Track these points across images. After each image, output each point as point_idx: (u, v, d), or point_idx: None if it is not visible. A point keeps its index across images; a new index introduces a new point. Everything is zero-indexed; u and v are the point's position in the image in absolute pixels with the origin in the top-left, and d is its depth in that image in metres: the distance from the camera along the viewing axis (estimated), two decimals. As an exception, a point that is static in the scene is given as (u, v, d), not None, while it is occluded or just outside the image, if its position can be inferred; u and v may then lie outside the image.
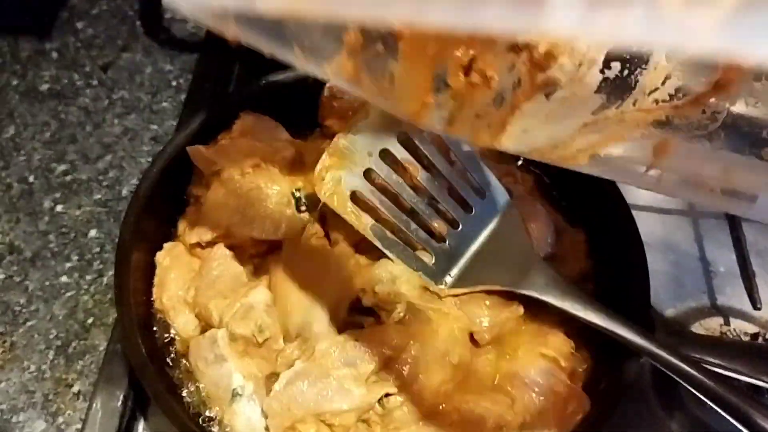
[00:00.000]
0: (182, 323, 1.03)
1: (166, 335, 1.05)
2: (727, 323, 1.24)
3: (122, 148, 1.43)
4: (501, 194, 1.06)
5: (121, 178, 1.39)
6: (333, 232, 1.07)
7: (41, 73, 1.54)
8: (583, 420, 0.97)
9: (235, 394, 0.94)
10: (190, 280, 1.06)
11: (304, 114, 1.23)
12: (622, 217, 1.11)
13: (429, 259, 1.03)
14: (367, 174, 0.98)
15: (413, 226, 1.02)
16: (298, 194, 1.08)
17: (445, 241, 1.04)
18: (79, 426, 1.10)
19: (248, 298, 0.98)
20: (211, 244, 1.07)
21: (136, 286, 1.04)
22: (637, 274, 1.05)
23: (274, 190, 1.07)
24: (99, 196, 1.36)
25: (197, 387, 0.98)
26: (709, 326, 1.24)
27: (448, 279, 1.04)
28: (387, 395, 0.93)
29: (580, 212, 1.19)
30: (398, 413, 0.94)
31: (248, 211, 1.05)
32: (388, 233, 1.00)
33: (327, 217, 1.08)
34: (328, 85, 1.20)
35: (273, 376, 0.97)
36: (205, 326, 1.03)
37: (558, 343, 1.04)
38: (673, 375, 0.89)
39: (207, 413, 0.96)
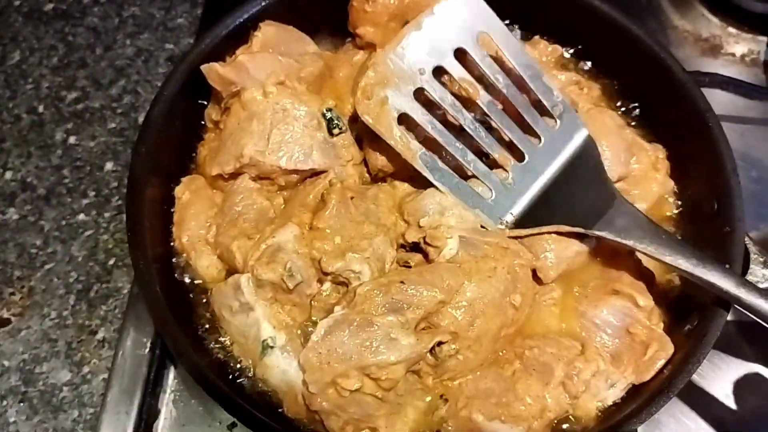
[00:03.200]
0: (204, 266, 0.91)
1: (189, 279, 0.92)
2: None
3: (136, 72, 1.30)
4: (575, 122, 0.89)
5: (136, 105, 1.26)
6: (371, 158, 0.93)
7: (45, -9, 1.40)
8: (665, 366, 0.84)
9: (265, 347, 0.82)
10: (212, 217, 0.93)
11: (332, 22, 1.07)
12: (708, 131, 0.94)
13: (488, 194, 0.88)
14: (418, 94, 0.82)
15: (470, 156, 0.86)
16: (329, 114, 0.93)
17: (507, 175, 0.88)
18: (105, 376, 1.02)
19: (276, 237, 0.84)
20: (234, 175, 0.93)
21: (153, 224, 0.91)
22: (726, 203, 0.90)
23: (302, 112, 0.92)
24: (114, 125, 1.24)
25: (224, 339, 0.88)
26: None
27: (510, 218, 0.89)
28: (440, 344, 0.81)
29: (658, 126, 1.02)
30: (452, 363, 0.82)
31: (274, 137, 0.90)
32: (440, 163, 0.85)
33: (364, 141, 0.94)
34: None
35: (309, 324, 0.85)
36: (230, 269, 0.91)
37: (634, 279, 0.90)
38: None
39: (237, 365, 0.86)
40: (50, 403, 1.01)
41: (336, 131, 0.94)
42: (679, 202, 0.99)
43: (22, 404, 1.01)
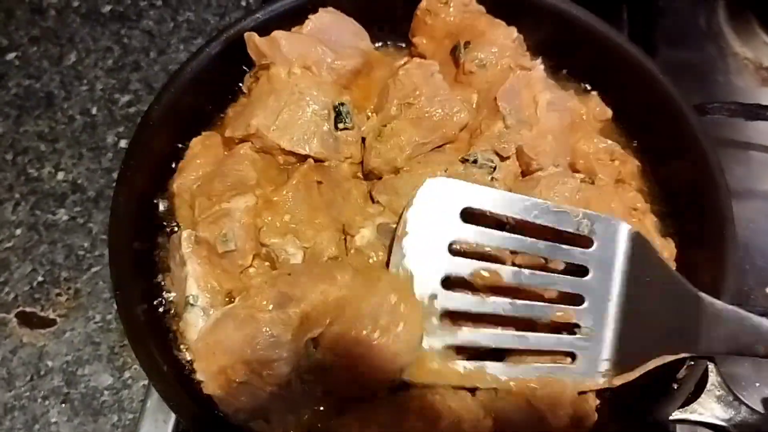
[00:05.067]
0: (184, 215, 0.93)
1: (171, 226, 0.95)
2: None
3: (188, 77, 1.31)
4: (611, 225, 0.82)
5: (187, 111, 1.27)
6: (367, 156, 0.94)
7: (103, -7, 1.42)
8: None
9: (187, 303, 0.83)
10: (207, 172, 0.95)
11: (398, 24, 1.09)
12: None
13: (569, 359, 0.83)
14: (443, 318, 0.81)
15: (532, 338, 0.82)
16: (341, 108, 0.94)
17: (577, 328, 0.82)
18: (145, 382, 1.03)
19: (229, 203, 0.86)
20: (243, 141, 0.95)
21: (154, 167, 0.94)
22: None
23: (317, 99, 0.93)
24: (164, 131, 1.25)
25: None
26: None
27: (606, 365, 0.82)
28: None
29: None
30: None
31: (283, 116, 0.92)
32: (514, 359, 0.83)
33: (367, 146, 0.95)
34: None
35: (231, 297, 0.85)
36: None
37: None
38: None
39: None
40: (91, 406, 1.02)
41: (341, 125, 0.94)
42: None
43: (63, 405, 1.02)
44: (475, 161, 0.91)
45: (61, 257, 1.13)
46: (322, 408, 0.80)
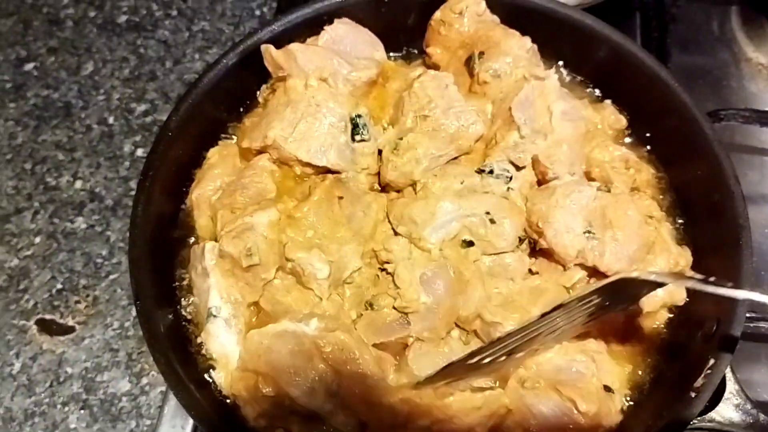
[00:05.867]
0: (203, 225, 0.94)
1: (190, 236, 0.97)
2: None
3: (204, 87, 1.32)
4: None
5: (202, 120, 1.29)
6: (383, 170, 0.94)
7: (119, 3, 1.43)
8: None
9: (209, 314, 0.85)
10: (226, 183, 0.96)
11: (412, 35, 1.10)
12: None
13: None
14: None
15: None
16: (357, 121, 0.94)
17: None
18: (162, 388, 1.04)
19: (252, 217, 0.87)
20: (260, 152, 0.96)
21: (172, 177, 0.96)
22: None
23: (333, 111, 0.94)
24: (180, 140, 1.27)
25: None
26: None
27: None
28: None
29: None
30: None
31: (300, 127, 0.93)
32: None
33: (384, 152, 0.95)
34: (443, 7, 1.05)
35: (256, 306, 0.87)
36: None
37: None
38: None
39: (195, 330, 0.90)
40: (109, 412, 1.04)
41: (358, 137, 0.95)
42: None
43: (82, 411, 1.04)
44: (491, 171, 0.92)
45: (79, 265, 1.15)
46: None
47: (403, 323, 0.85)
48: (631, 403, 0.87)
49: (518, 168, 0.94)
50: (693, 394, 0.79)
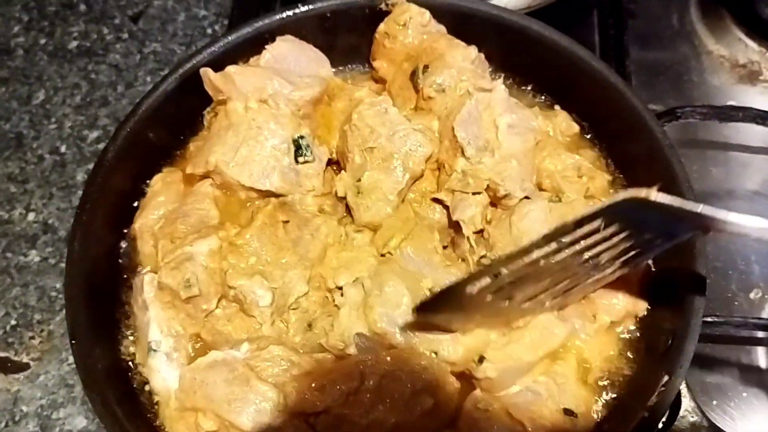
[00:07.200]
0: (146, 253, 0.92)
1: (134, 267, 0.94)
2: None
3: (156, 110, 1.31)
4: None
5: (156, 144, 1.27)
6: (356, 213, 0.92)
7: (69, 29, 1.41)
8: None
9: (149, 348, 0.83)
10: (169, 211, 0.93)
11: (359, 49, 1.08)
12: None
13: None
14: None
15: None
16: (301, 141, 0.93)
17: None
18: (120, 424, 1.02)
19: (192, 246, 0.85)
20: (204, 178, 0.94)
21: (113, 210, 0.94)
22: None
23: (275, 133, 0.92)
24: (133, 166, 1.25)
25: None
26: None
27: None
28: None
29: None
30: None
31: (242, 151, 0.91)
32: None
33: (352, 204, 0.92)
34: (387, 20, 1.03)
35: (198, 339, 0.85)
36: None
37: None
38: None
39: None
40: (67, 450, 1.02)
41: (301, 159, 0.93)
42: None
43: (39, 451, 1.02)
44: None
45: (33, 299, 1.13)
46: None
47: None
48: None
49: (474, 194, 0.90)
50: (646, 414, 0.77)
